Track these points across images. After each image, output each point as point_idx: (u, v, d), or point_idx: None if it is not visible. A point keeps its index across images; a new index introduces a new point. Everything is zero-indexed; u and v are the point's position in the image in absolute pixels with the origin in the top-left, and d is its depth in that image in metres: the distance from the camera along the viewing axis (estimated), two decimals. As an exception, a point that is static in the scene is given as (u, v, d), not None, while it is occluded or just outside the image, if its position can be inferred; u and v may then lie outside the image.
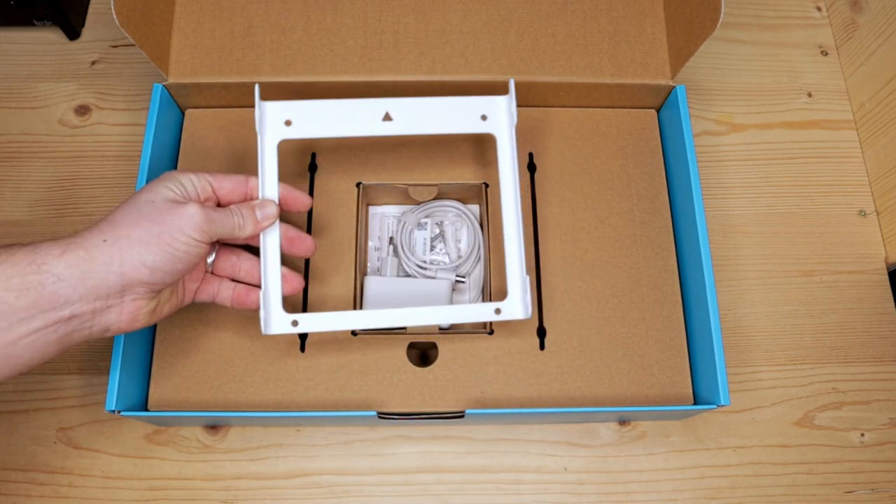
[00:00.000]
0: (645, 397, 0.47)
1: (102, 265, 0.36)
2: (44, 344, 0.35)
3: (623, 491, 0.50)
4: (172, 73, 0.51)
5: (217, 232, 0.39)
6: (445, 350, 0.47)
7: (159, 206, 0.38)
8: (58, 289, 0.35)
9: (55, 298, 0.35)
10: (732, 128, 0.62)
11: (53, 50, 0.62)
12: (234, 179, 0.43)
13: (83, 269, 0.35)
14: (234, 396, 0.46)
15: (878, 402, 0.53)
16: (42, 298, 0.34)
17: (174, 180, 0.40)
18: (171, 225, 0.37)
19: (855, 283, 0.57)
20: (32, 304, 0.34)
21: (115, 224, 0.37)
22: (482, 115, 0.46)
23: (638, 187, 0.52)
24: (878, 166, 0.59)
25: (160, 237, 0.37)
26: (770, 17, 0.66)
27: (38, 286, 0.34)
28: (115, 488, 0.49)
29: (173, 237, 0.37)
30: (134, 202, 0.38)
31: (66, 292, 0.35)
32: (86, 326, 0.37)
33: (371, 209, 0.55)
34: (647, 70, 0.52)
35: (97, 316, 0.37)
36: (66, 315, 0.35)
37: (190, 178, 0.41)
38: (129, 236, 0.37)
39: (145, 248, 0.37)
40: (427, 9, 0.53)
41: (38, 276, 0.35)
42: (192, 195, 0.40)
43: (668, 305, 0.49)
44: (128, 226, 0.37)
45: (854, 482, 0.51)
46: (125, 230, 0.37)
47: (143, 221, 0.37)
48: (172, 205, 0.38)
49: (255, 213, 0.42)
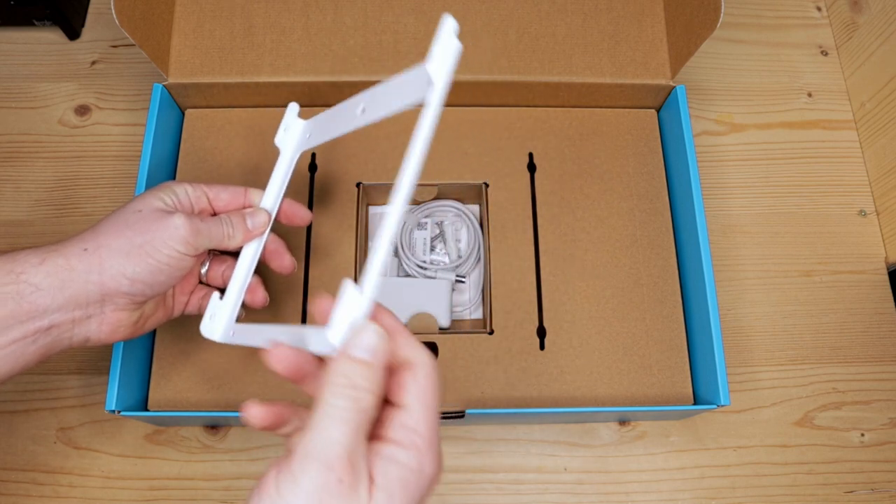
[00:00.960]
0: (645, 397, 0.47)
1: (81, 274, 0.35)
2: (22, 354, 0.34)
3: (623, 491, 0.50)
4: (172, 73, 0.51)
5: (203, 243, 0.38)
6: (445, 350, 0.47)
7: (146, 215, 0.37)
8: (36, 299, 0.34)
9: (33, 309, 0.34)
10: (732, 128, 0.62)
11: (53, 50, 0.62)
12: (231, 191, 0.42)
13: (62, 277, 0.35)
14: (234, 396, 0.46)
15: (878, 402, 0.53)
16: (20, 309, 0.34)
17: (168, 190, 0.39)
18: (155, 235, 0.36)
19: (855, 283, 0.57)
20: (10, 314, 0.34)
21: (98, 233, 0.36)
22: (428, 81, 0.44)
23: (638, 187, 0.52)
24: (878, 166, 0.59)
25: (142, 248, 0.36)
26: (770, 17, 0.66)
27: (15, 296, 0.34)
28: (115, 488, 0.49)
29: (156, 248, 0.36)
30: (122, 211, 0.38)
31: (44, 302, 0.34)
32: (65, 336, 0.36)
33: (371, 209, 0.55)
34: (647, 70, 0.52)
35: (76, 326, 0.36)
36: (45, 325, 0.35)
37: (185, 188, 0.40)
38: (109, 245, 0.36)
39: (126, 258, 0.36)
40: (427, 9, 0.53)
41: (16, 286, 0.34)
42: (184, 205, 0.39)
43: (668, 305, 0.49)
44: (109, 235, 0.36)
45: (854, 482, 0.51)
46: (106, 239, 0.36)
47: (126, 231, 0.36)
48: (159, 214, 0.37)
49: (245, 222, 0.41)
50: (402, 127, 0.54)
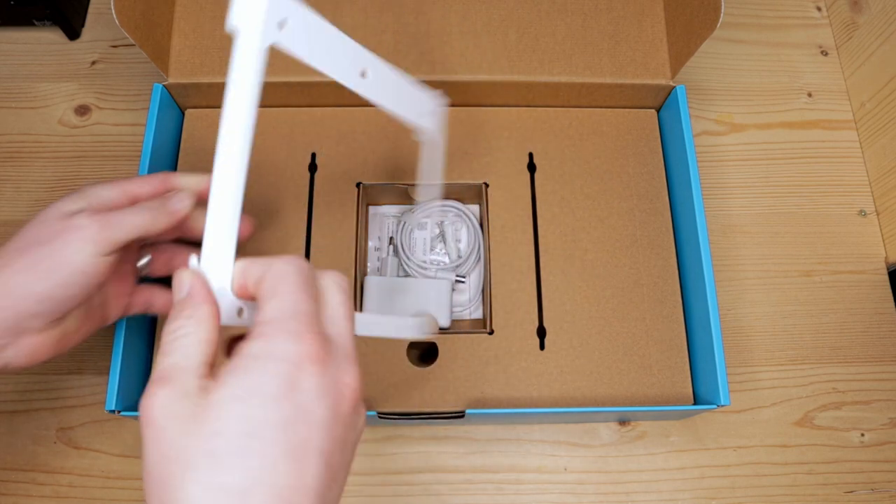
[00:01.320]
0: (645, 397, 0.47)
1: None
2: None
3: (623, 491, 0.50)
4: (172, 73, 0.51)
5: (117, 236, 0.34)
6: (445, 350, 0.47)
7: (50, 224, 0.33)
8: None
9: None
10: (732, 128, 0.62)
11: (53, 50, 0.62)
12: (152, 180, 0.38)
13: None
14: (234, 396, 0.46)
15: (878, 402, 0.53)
16: None
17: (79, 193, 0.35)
18: (60, 243, 0.33)
19: (855, 283, 0.57)
20: None
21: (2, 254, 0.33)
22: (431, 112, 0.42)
23: (638, 187, 0.52)
24: (878, 166, 0.59)
25: (48, 259, 0.32)
26: (770, 17, 0.66)
27: None
28: (115, 488, 0.49)
29: (63, 257, 0.32)
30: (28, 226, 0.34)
31: None
32: None
33: (371, 209, 0.55)
34: (647, 70, 0.52)
35: None
36: None
37: (98, 189, 0.36)
38: (12, 266, 0.33)
39: (31, 274, 0.32)
40: (427, 9, 0.53)
41: None
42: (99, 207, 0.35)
43: (669, 305, 0.49)
44: (13, 254, 0.33)
45: (854, 482, 0.51)
46: (10, 259, 0.33)
47: (31, 247, 0.33)
48: (63, 219, 0.33)
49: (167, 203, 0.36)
50: (402, 127, 0.54)
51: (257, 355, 0.24)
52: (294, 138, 0.53)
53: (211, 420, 0.23)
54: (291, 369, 0.24)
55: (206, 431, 0.23)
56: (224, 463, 0.22)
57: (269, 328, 0.25)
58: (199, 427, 0.23)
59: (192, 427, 0.23)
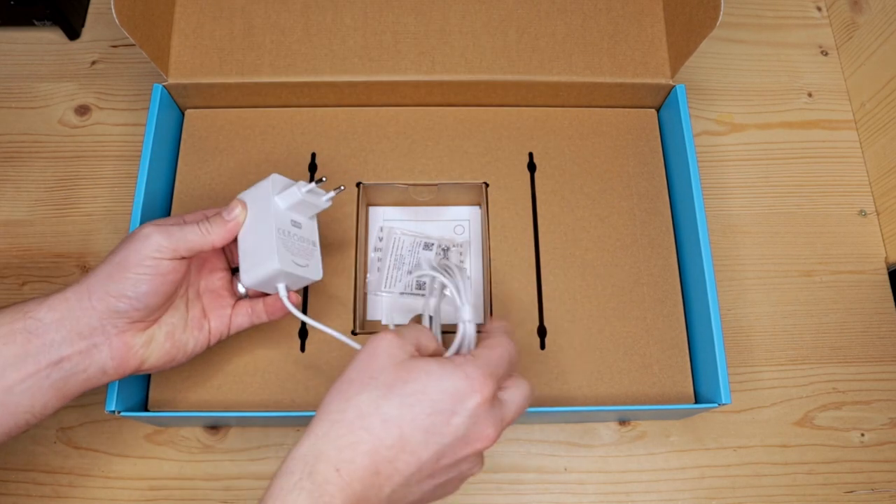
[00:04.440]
0: (645, 396, 0.47)
1: (75, 303, 0.37)
2: (39, 389, 0.36)
3: (623, 491, 0.50)
4: (172, 73, 0.51)
5: (181, 244, 0.38)
6: (445, 350, 0.47)
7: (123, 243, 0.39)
8: (42, 332, 0.36)
9: (41, 342, 0.36)
10: (732, 128, 0.62)
11: (53, 50, 0.62)
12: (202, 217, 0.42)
13: (61, 309, 0.37)
14: (234, 396, 0.46)
15: (878, 402, 0.53)
16: (29, 344, 0.36)
17: None
18: (130, 250, 0.38)
19: (855, 283, 0.57)
20: (21, 349, 0.36)
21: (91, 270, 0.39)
22: None
23: (638, 187, 0.52)
24: (878, 166, 0.59)
25: (120, 265, 0.37)
26: (770, 17, 0.66)
27: (23, 331, 0.36)
28: (115, 488, 0.49)
29: (132, 261, 0.37)
30: None
31: (50, 335, 0.36)
32: (79, 370, 0.37)
33: (371, 209, 0.55)
34: (647, 69, 0.52)
35: (86, 357, 0.37)
36: (55, 358, 0.36)
37: None
38: (95, 273, 0.38)
39: (108, 278, 0.37)
40: (427, 9, 0.53)
41: (24, 322, 0.36)
42: None
43: (669, 305, 0.49)
44: (97, 267, 0.38)
45: (854, 482, 0.51)
46: (94, 271, 0.38)
47: (108, 258, 0.38)
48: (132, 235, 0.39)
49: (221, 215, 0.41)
50: (402, 127, 0.54)
51: (456, 363, 0.33)
52: (294, 138, 0.53)
53: (404, 371, 0.32)
54: (468, 387, 0.32)
55: (397, 375, 0.32)
56: (392, 398, 0.31)
57: (473, 358, 0.33)
58: (395, 371, 0.32)
59: (392, 366, 0.33)
